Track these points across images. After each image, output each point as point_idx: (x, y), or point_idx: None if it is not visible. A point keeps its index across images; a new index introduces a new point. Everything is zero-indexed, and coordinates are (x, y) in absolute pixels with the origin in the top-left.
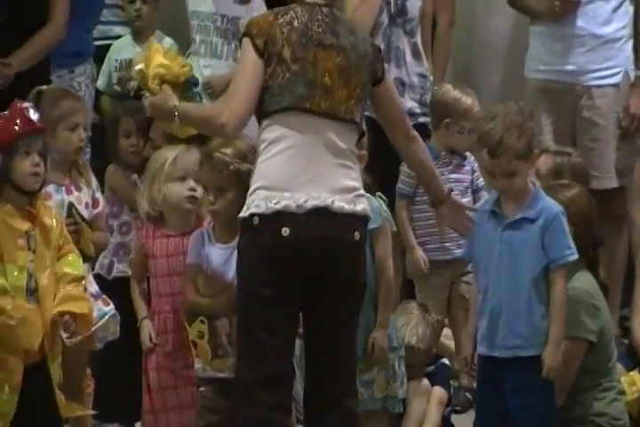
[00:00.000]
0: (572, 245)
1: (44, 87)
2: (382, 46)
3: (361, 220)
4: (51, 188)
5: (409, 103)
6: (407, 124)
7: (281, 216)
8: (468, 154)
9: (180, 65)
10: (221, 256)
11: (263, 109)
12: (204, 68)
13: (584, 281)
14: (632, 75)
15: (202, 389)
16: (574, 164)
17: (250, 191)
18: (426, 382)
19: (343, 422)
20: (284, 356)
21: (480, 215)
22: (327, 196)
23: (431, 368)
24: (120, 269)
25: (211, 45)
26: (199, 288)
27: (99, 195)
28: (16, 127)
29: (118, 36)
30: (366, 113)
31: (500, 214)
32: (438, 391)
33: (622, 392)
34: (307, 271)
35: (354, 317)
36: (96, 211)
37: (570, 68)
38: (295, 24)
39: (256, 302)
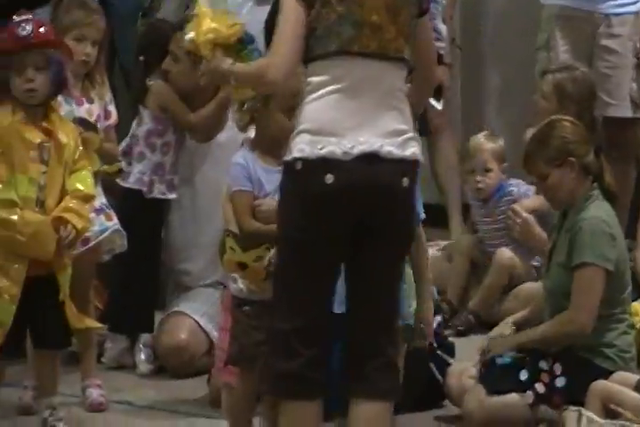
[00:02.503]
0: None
1: None
2: None
3: (410, 164)
4: (60, 98)
5: None
6: (434, 68)
7: (325, 162)
8: None
9: (229, 25)
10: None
11: (309, 53)
12: None
13: (601, 211)
14: None
15: (245, 308)
16: (576, 76)
17: (294, 133)
18: None
19: (385, 370)
20: (322, 307)
21: None
22: (375, 140)
23: None
24: (160, 189)
25: None
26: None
27: (111, 107)
28: (4, 45)
29: None
30: None
31: None
32: None
33: (632, 326)
34: (351, 220)
35: (400, 264)
36: (108, 123)
37: None
38: None
39: (295, 250)
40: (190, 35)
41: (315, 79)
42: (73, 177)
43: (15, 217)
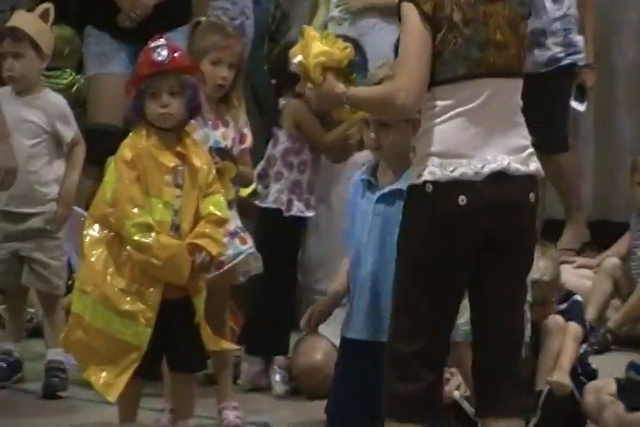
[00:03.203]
0: None
1: (203, 19)
2: None
3: (535, 180)
4: (195, 122)
5: (552, 50)
6: None
7: (458, 184)
8: None
9: (341, 48)
10: None
11: (434, 77)
12: None
13: None
14: None
15: None
16: None
17: (420, 157)
18: (559, 318)
19: (517, 388)
20: (445, 330)
21: (356, 186)
22: (502, 157)
23: (564, 306)
24: (299, 208)
25: None
26: None
27: (247, 131)
28: (140, 69)
29: None
30: None
31: (374, 185)
32: (573, 327)
33: None
34: (480, 239)
35: (525, 281)
36: (243, 146)
37: None
38: None
39: (421, 272)
40: (298, 57)
41: (441, 103)
42: (207, 201)
43: (151, 241)
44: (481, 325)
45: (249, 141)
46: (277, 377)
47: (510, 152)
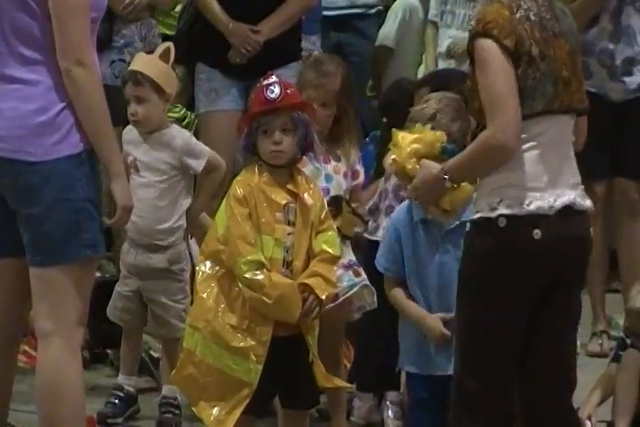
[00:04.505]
0: None
1: (315, 53)
2: (610, 27)
3: (590, 216)
4: (305, 157)
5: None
6: None
7: (533, 218)
8: None
9: (432, 132)
10: None
11: None
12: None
13: None
14: None
15: None
16: None
17: (491, 188)
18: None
19: (568, 420)
20: (512, 362)
21: (406, 226)
22: (568, 193)
23: None
24: None
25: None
26: None
27: (359, 167)
28: (253, 107)
29: (364, 5)
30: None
31: (432, 222)
32: None
33: None
34: (551, 275)
35: (579, 313)
36: (355, 182)
37: None
38: (532, 17)
39: (494, 307)
40: (392, 156)
41: None
42: (319, 238)
43: (262, 279)
44: (536, 359)
45: (361, 178)
46: (390, 413)
47: (573, 187)
